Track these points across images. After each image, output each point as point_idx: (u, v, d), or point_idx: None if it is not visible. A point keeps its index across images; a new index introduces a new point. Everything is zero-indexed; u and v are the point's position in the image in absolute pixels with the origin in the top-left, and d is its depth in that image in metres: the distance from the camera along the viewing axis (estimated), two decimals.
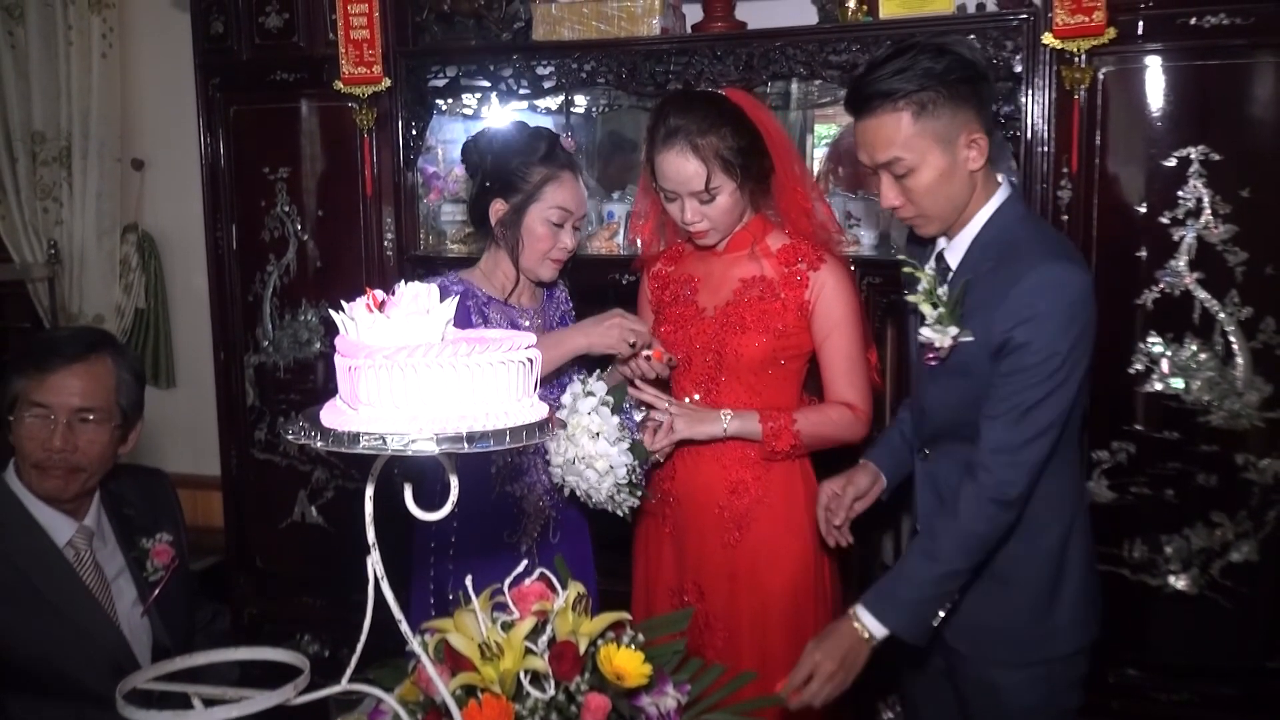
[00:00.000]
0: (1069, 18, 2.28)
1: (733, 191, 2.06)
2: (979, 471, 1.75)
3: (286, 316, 3.08)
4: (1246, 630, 2.35)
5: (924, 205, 1.79)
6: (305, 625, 3.17)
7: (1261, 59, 2.24)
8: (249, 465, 3.20)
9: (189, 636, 2.10)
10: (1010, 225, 1.79)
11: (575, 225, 2.22)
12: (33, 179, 3.74)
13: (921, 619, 1.79)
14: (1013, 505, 1.75)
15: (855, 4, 2.58)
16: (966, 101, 1.73)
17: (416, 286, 1.09)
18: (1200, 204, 2.28)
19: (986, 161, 1.78)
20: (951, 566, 1.77)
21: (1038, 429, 1.71)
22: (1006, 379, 1.72)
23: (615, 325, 2.10)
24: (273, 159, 3.04)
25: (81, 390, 1.94)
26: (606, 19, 2.70)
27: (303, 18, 2.95)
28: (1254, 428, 2.29)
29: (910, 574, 1.79)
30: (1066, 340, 1.69)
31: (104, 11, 3.65)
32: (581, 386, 2.05)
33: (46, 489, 1.94)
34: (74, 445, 1.92)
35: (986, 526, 1.75)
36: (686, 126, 2.02)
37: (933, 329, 1.80)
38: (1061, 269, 1.71)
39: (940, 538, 1.78)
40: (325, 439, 1.03)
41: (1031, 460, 1.72)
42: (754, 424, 2.08)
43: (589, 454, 1.98)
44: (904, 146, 1.74)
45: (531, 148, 2.19)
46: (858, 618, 1.78)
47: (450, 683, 1.23)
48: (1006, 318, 1.70)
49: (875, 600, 1.79)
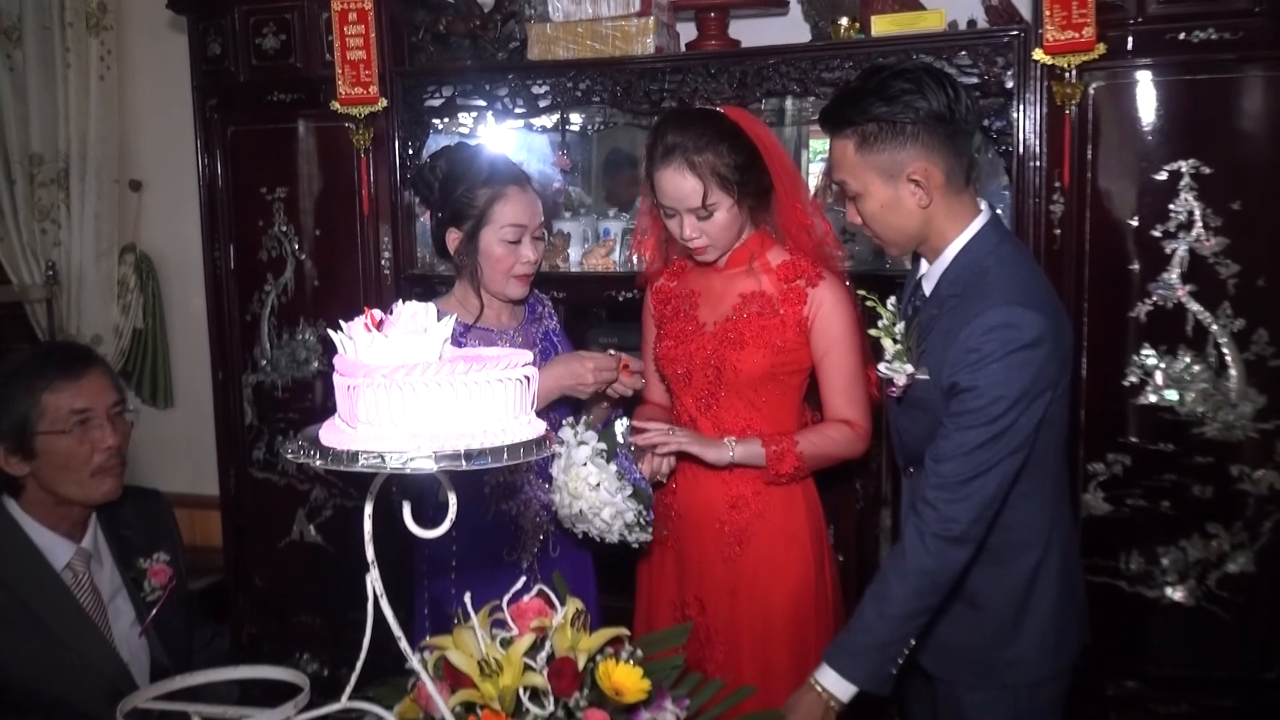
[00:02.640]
0: (1059, 34, 2.30)
1: (730, 208, 2.07)
2: (922, 508, 1.73)
3: (284, 336, 3.09)
4: (1243, 641, 2.35)
5: (876, 230, 1.82)
6: (304, 644, 3.16)
7: (1250, 73, 2.26)
8: (247, 484, 3.19)
9: (188, 656, 2.10)
10: (980, 258, 1.77)
11: (535, 236, 2.19)
12: (31, 201, 3.75)
13: (880, 666, 1.75)
14: (961, 541, 1.71)
15: (848, 22, 2.60)
16: (914, 140, 1.72)
17: (414, 306, 1.10)
18: (1192, 217, 2.30)
19: (959, 193, 1.77)
20: (903, 607, 1.73)
21: (981, 467, 1.68)
22: (952, 419, 1.71)
23: (586, 369, 2.08)
24: (270, 179, 3.05)
25: (107, 386, 1.98)
26: (601, 38, 2.72)
27: (299, 39, 2.96)
28: (1248, 439, 2.30)
29: (863, 620, 1.76)
30: (1014, 386, 1.65)
31: (102, 34, 3.67)
32: (572, 434, 2.02)
33: (107, 491, 1.96)
34: (120, 440, 1.97)
35: (933, 562, 1.72)
36: (683, 144, 2.04)
37: (889, 366, 1.81)
38: (1013, 313, 1.67)
39: (889, 578, 1.76)
40: (324, 457, 1.04)
41: (976, 497, 1.69)
42: (758, 449, 2.09)
43: (594, 505, 1.98)
44: (849, 173, 1.78)
45: (473, 171, 2.17)
46: (818, 683, 1.75)
47: (450, 700, 1.24)
48: (956, 359, 1.69)
49: (834, 653, 1.77)
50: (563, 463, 2.00)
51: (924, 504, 1.72)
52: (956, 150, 1.76)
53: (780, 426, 2.14)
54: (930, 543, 1.71)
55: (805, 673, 2.09)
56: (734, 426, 2.14)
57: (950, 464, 1.70)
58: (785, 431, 2.13)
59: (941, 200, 1.76)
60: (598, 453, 2.00)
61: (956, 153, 1.76)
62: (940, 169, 1.74)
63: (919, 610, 1.74)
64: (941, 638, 1.87)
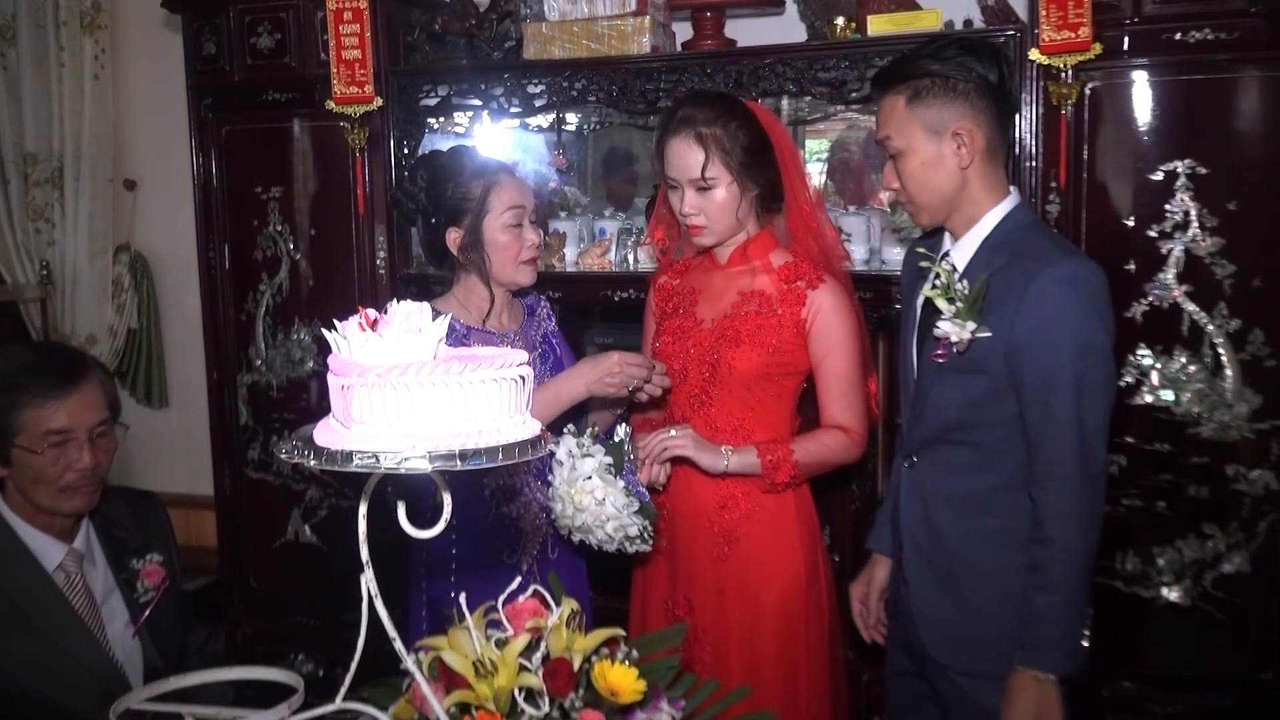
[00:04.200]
0: (1055, 34, 2.30)
1: (729, 185, 2.07)
2: (1043, 483, 1.76)
3: (279, 335, 3.08)
4: (1239, 641, 2.35)
5: (911, 191, 1.86)
6: (299, 644, 3.16)
7: (1246, 73, 2.26)
8: (242, 484, 3.19)
9: (182, 657, 2.09)
10: (1020, 229, 1.84)
11: (532, 219, 2.20)
12: (25, 200, 3.74)
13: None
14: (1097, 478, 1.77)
15: (844, 22, 2.60)
16: (964, 99, 1.79)
17: (409, 305, 1.10)
18: (1188, 217, 2.30)
19: (995, 166, 1.84)
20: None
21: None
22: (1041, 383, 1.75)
23: (617, 369, 2.04)
24: (265, 178, 3.04)
25: (94, 405, 1.96)
26: (597, 37, 2.72)
27: (294, 38, 2.96)
28: (1244, 439, 2.30)
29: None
30: (1098, 333, 1.74)
31: (96, 33, 3.66)
32: (575, 443, 2.00)
33: (76, 506, 1.95)
34: (99, 459, 1.95)
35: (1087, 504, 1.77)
36: (695, 116, 2.07)
37: (951, 323, 1.80)
38: (1082, 265, 1.77)
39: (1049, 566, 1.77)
40: (319, 457, 1.04)
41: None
42: (753, 458, 2.08)
43: (598, 518, 1.96)
44: (895, 128, 1.84)
45: (458, 168, 2.18)
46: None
47: (445, 700, 1.23)
48: (1029, 312, 1.73)
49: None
50: (565, 474, 1.98)
51: (1040, 484, 1.76)
52: (1000, 123, 1.85)
53: (773, 429, 2.14)
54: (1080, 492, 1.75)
55: (793, 674, 2.11)
56: (726, 427, 2.14)
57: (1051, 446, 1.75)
58: (778, 434, 2.13)
59: (980, 166, 1.82)
60: (604, 467, 1.97)
61: (1000, 125, 1.85)
62: (983, 133, 1.81)
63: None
64: (954, 626, 1.88)
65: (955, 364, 1.83)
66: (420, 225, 2.25)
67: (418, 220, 2.24)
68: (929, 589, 1.92)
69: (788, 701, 2.10)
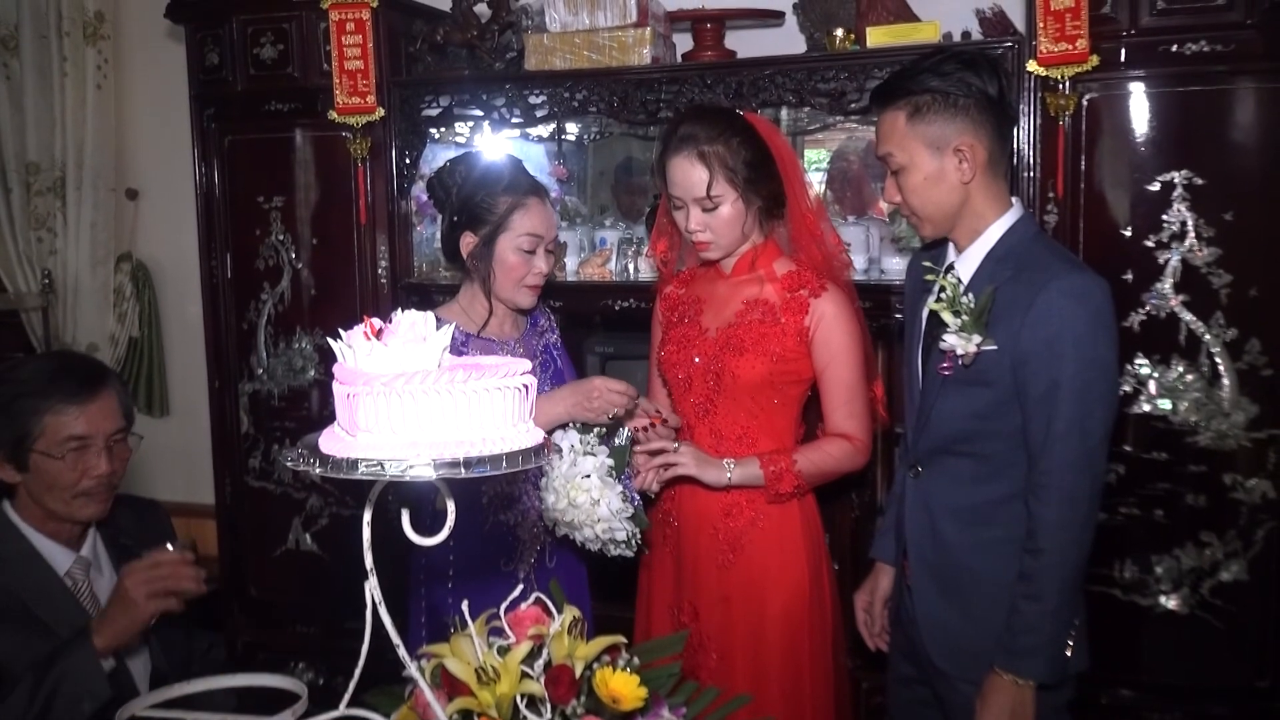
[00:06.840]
0: (1053, 45, 2.31)
1: (735, 202, 2.08)
2: (1038, 491, 1.78)
3: (281, 344, 3.09)
4: (1237, 649, 2.36)
5: (914, 205, 1.87)
6: (300, 653, 3.16)
7: (1242, 85, 2.28)
8: (243, 493, 3.19)
9: (187, 663, 2.10)
10: (1025, 241, 1.85)
11: (549, 249, 2.21)
12: (27, 209, 3.75)
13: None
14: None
15: (843, 33, 2.61)
16: (964, 114, 1.80)
17: (413, 314, 1.11)
18: (1184, 227, 2.31)
19: (997, 178, 1.85)
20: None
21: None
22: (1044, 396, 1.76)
23: (597, 395, 2.05)
24: (267, 188, 3.05)
25: (112, 413, 1.98)
26: (598, 49, 2.73)
27: (297, 49, 2.97)
28: (1241, 448, 2.31)
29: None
30: (1103, 346, 1.75)
31: (99, 43, 3.67)
32: (580, 439, 2.01)
33: (90, 514, 1.97)
34: (114, 466, 1.97)
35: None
36: (696, 134, 2.07)
37: (957, 336, 1.81)
38: (1086, 278, 1.77)
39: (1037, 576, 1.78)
40: (324, 465, 1.05)
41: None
42: (755, 469, 2.09)
43: (590, 517, 1.98)
44: (897, 144, 1.84)
45: (494, 177, 2.19)
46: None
47: (447, 708, 1.24)
48: (1035, 325, 1.74)
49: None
50: (564, 468, 1.99)
51: (1036, 494, 1.77)
52: (1000, 135, 1.85)
53: (777, 437, 2.15)
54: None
55: (797, 682, 2.11)
56: (730, 435, 2.15)
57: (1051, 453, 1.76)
58: (782, 443, 2.14)
59: (982, 179, 1.83)
60: (605, 469, 1.98)
61: (1000, 137, 1.85)
62: (984, 147, 1.82)
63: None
64: (956, 633, 1.88)
65: (961, 376, 1.84)
66: (443, 218, 2.27)
67: (444, 211, 2.25)
68: (933, 597, 1.93)
69: (792, 709, 2.11)
